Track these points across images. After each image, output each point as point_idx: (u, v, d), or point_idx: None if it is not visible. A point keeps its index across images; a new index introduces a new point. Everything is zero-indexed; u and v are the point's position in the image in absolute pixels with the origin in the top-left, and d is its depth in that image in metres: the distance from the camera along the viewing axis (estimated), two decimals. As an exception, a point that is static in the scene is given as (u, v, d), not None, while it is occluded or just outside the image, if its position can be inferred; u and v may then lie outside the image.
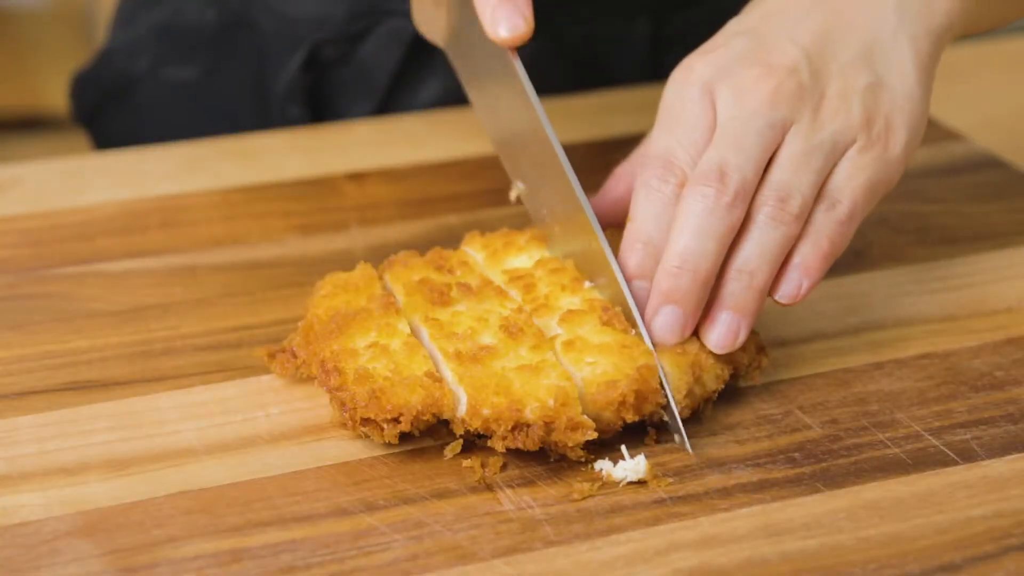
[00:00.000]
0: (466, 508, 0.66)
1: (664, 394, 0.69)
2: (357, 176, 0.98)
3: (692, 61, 0.75)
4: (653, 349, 0.70)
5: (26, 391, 0.75)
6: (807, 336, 0.79)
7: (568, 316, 0.72)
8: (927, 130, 0.77)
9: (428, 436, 0.70)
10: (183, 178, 0.97)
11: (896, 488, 0.67)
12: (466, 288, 0.74)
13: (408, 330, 0.72)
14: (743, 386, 0.74)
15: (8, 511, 0.66)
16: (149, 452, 0.70)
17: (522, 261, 0.77)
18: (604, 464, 0.68)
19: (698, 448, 0.70)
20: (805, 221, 0.72)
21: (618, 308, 0.72)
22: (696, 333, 0.71)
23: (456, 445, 0.69)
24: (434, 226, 0.91)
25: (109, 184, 0.97)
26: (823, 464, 0.69)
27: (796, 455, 0.69)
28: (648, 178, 0.73)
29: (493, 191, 0.93)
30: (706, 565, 0.62)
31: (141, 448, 0.70)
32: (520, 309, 0.73)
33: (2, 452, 0.70)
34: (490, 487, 0.67)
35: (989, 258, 0.87)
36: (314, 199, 0.95)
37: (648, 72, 1.12)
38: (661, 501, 0.66)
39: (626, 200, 0.76)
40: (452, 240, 0.84)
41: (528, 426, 0.67)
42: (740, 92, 0.73)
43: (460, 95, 0.88)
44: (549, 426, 0.67)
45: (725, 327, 0.71)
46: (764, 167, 0.72)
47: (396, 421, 0.68)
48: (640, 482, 0.67)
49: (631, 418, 0.68)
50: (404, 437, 0.69)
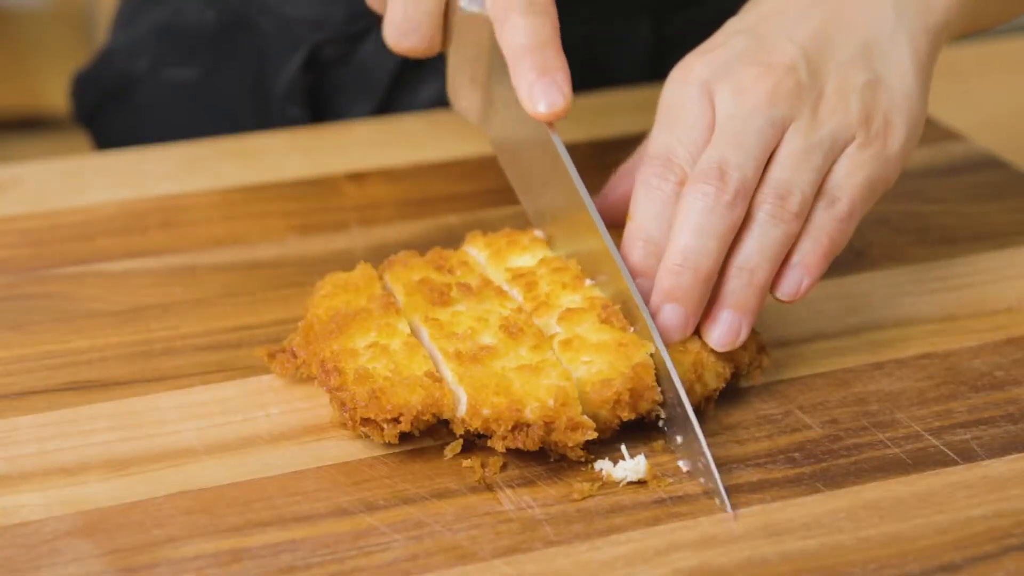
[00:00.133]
0: (466, 508, 0.66)
1: (661, 397, 0.69)
2: (357, 176, 0.98)
3: (691, 60, 0.75)
4: (663, 346, 0.70)
5: (26, 391, 0.75)
6: (807, 336, 0.79)
7: (567, 315, 0.72)
8: (927, 130, 0.78)
9: (428, 436, 0.70)
10: (183, 178, 0.97)
11: (896, 488, 0.67)
12: (466, 288, 0.74)
13: (408, 330, 0.72)
14: (743, 386, 0.74)
15: (8, 511, 0.66)
16: (149, 452, 0.70)
17: (525, 260, 0.77)
18: (604, 464, 0.68)
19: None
20: (805, 219, 0.72)
21: (617, 306, 0.72)
22: (697, 332, 0.71)
23: (456, 445, 0.69)
24: (434, 226, 0.91)
25: (109, 184, 0.97)
26: (823, 464, 0.69)
27: (796, 455, 0.69)
28: (648, 176, 0.73)
29: (493, 191, 0.93)
30: (706, 565, 0.62)
31: (141, 448, 0.70)
32: (520, 309, 0.73)
33: (2, 452, 0.70)
34: (490, 487, 0.67)
35: (989, 258, 0.87)
36: (314, 199, 0.95)
37: (648, 72, 1.12)
38: (661, 501, 0.66)
39: (627, 200, 0.76)
40: (452, 240, 0.84)
41: (528, 426, 0.67)
42: (739, 91, 0.73)
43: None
44: (549, 426, 0.67)
45: (726, 325, 0.71)
46: (764, 165, 0.72)
47: (396, 421, 0.68)
48: (640, 482, 0.67)
49: (627, 416, 0.68)
50: (404, 437, 0.69)
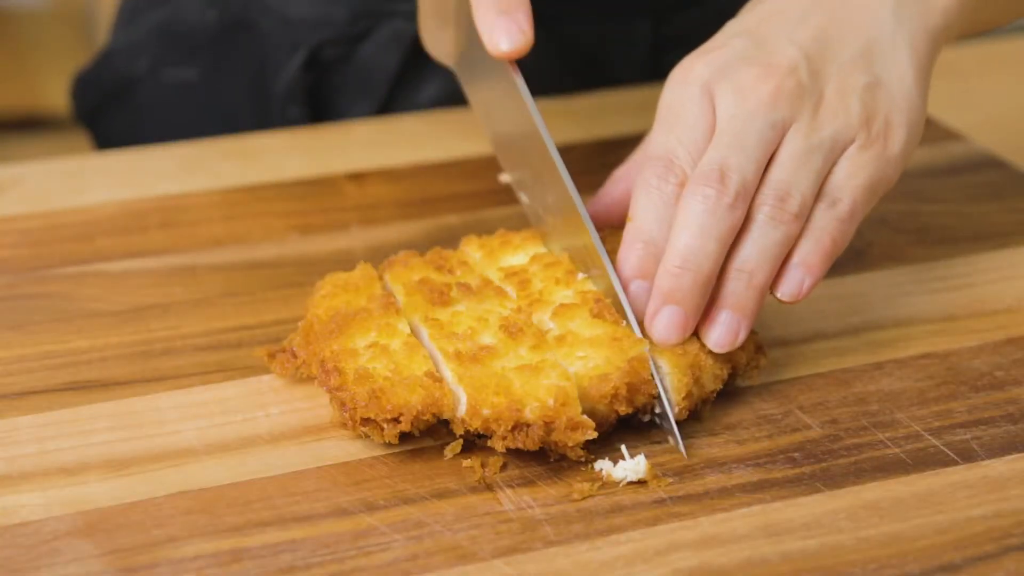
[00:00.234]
0: (466, 508, 0.66)
1: (657, 389, 0.69)
2: (357, 176, 0.98)
3: (691, 61, 0.75)
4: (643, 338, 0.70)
5: (26, 391, 0.75)
6: (807, 336, 0.79)
7: (560, 311, 0.72)
8: (927, 130, 0.78)
9: (428, 436, 0.70)
10: (183, 178, 0.97)
11: (896, 488, 0.67)
12: (466, 288, 0.74)
13: (408, 330, 0.72)
14: (743, 386, 0.74)
15: (8, 511, 0.66)
16: (149, 452, 0.70)
17: (518, 259, 0.77)
18: (604, 464, 0.68)
19: (698, 448, 0.70)
20: (805, 220, 0.72)
21: (609, 299, 0.72)
22: (696, 333, 0.71)
23: (456, 445, 0.69)
24: (434, 226, 0.91)
25: (109, 184, 0.97)
26: (823, 464, 0.69)
27: (796, 455, 0.69)
28: (648, 177, 0.73)
29: (493, 191, 0.93)
30: (706, 565, 0.62)
31: (141, 448, 0.70)
32: (519, 309, 0.73)
33: (2, 452, 0.70)
34: (490, 487, 0.67)
35: (989, 258, 0.87)
36: (314, 199, 0.95)
37: (648, 72, 1.12)
38: (661, 501, 0.66)
39: (625, 202, 0.76)
40: (452, 240, 0.84)
41: (528, 426, 0.67)
42: (740, 92, 0.73)
43: (460, 96, 0.88)
44: (549, 426, 0.67)
45: (725, 327, 0.71)
46: (764, 167, 0.72)
47: (396, 421, 0.68)
48: (640, 482, 0.67)
49: (624, 410, 0.68)
50: (404, 437, 0.69)
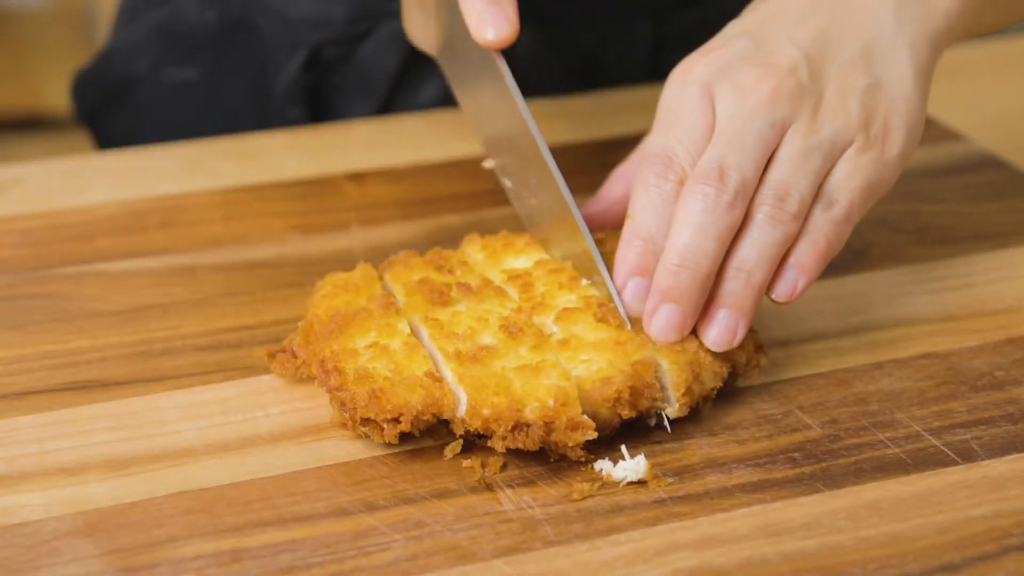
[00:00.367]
0: (466, 508, 0.66)
1: (659, 389, 0.69)
2: (357, 176, 0.98)
3: (691, 61, 0.75)
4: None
5: (26, 391, 0.75)
6: (807, 336, 0.79)
7: (563, 314, 0.72)
8: (927, 130, 0.78)
9: (428, 436, 0.70)
10: (183, 178, 0.97)
11: (896, 488, 0.67)
12: (466, 288, 0.74)
13: (408, 330, 0.72)
14: (743, 386, 0.74)
15: (8, 511, 0.66)
16: (149, 452, 0.70)
17: (521, 262, 0.77)
18: (604, 464, 0.68)
19: (698, 448, 0.70)
20: (803, 220, 0.72)
21: (612, 304, 0.72)
22: (694, 331, 0.71)
23: (456, 445, 0.69)
24: (434, 226, 0.91)
25: (109, 184, 0.97)
26: (823, 464, 0.69)
27: (796, 455, 0.69)
28: (647, 175, 0.73)
29: (493, 191, 0.92)
30: (706, 565, 0.62)
31: (141, 448, 0.70)
32: (520, 309, 0.73)
33: (2, 452, 0.70)
34: (490, 487, 0.67)
35: (989, 258, 0.87)
36: (314, 199, 0.95)
37: (648, 72, 1.12)
38: (661, 501, 0.66)
39: (625, 200, 0.76)
40: (452, 240, 0.84)
41: (528, 426, 0.67)
42: (740, 92, 0.73)
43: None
44: (549, 426, 0.67)
45: (723, 325, 0.71)
46: (763, 166, 0.72)
47: (396, 421, 0.68)
48: (640, 482, 0.67)
49: (627, 414, 0.68)
50: (404, 437, 0.69)
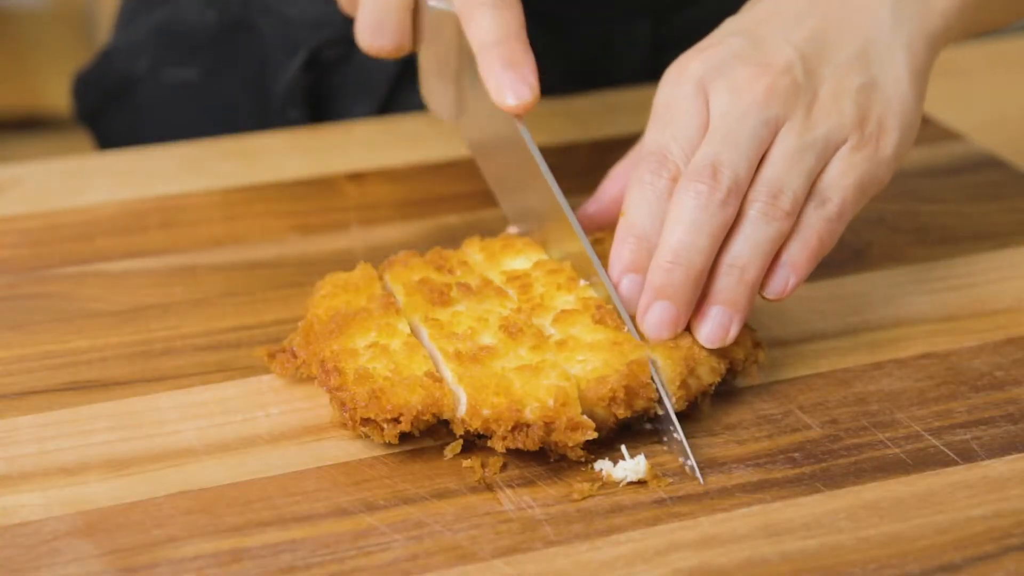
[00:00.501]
0: (466, 508, 0.66)
1: (656, 391, 0.69)
2: (357, 176, 0.98)
3: (687, 59, 0.76)
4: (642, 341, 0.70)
5: (26, 391, 0.75)
6: (807, 336, 0.79)
7: (561, 316, 0.72)
8: (927, 130, 0.78)
9: (428, 436, 0.70)
10: (183, 178, 0.97)
11: (896, 488, 0.67)
12: (466, 288, 0.74)
13: (408, 330, 0.72)
14: (742, 386, 0.74)
15: (8, 511, 0.66)
16: (149, 452, 0.70)
17: (520, 263, 0.77)
18: (604, 464, 0.68)
19: (698, 448, 0.70)
20: (796, 218, 0.72)
21: (611, 305, 0.72)
22: (689, 328, 0.71)
23: (456, 445, 0.69)
24: (434, 226, 0.91)
25: (109, 184, 0.97)
26: (823, 464, 0.69)
27: (796, 455, 0.69)
28: (642, 173, 0.73)
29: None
30: (706, 565, 0.62)
31: (141, 448, 0.70)
32: (519, 309, 0.73)
33: (2, 452, 0.70)
34: (490, 487, 0.67)
35: (989, 258, 0.87)
36: (314, 199, 0.95)
37: (648, 72, 1.12)
38: (661, 501, 0.66)
39: (622, 199, 0.76)
40: (452, 240, 0.84)
41: (528, 426, 0.67)
42: (734, 89, 0.73)
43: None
44: (549, 426, 0.67)
45: (716, 321, 0.71)
46: (757, 164, 0.72)
47: (396, 421, 0.68)
48: (640, 482, 0.67)
49: (623, 414, 0.68)
50: (404, 437, 0.69)
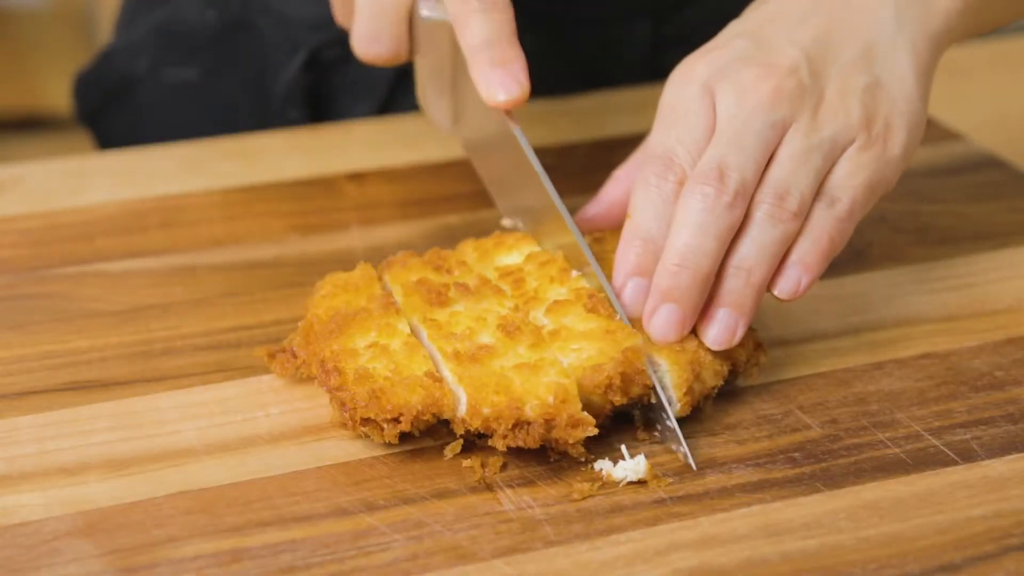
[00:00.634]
0: (466, 508, 0.66)
1: (652, 385, 0.69)
2: (357, 176, 0.98)
3: (692, 61, 0.76)
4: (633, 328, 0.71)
5: (26, 391, 0.75)
6: (807, 336, 0.79)
7: (553, 307, 0.72)
8: (927, 130, 0.78)
9: (428, 436, 0.70)
10: (183, 178, 0.97)
11: (896, 488, 0.67)
12: (464, 288, 0.74)
13: (408, 330, 0.72)
14: (743, 386, 0.74)
15: (8, 511, 0.66)
16: (149, 452, 0.70)
17: (512, 258, 0.77)
18: (604, 464, 0.68)
19: (698, 448, 0.70)
20: (804, 219, 0.72)
21: (602, 294, 0.72)
22: (694, 331, 0.72)
23: (456, 445, 0.69)
24: (434, 226, 0.91)
25: (109, 184, 0.97)
26: (823, 464, 0.69)
27: (796, 455, 0.69)
28: (647, 176, 0.73)
29: (493, 191, 0.93)
30: (706, 565, 0.62)
31: (141, 448, 0.70)
32: (517, 308, 0.73)
33: (2, 452, 0.70)
34: (490, 487, 0.67)
35: (989, 258, 0.87)
36: (314, 199, 0.95)
37: (648, 72, 1.12)
38: (661, 501, 0.66)
39: (625, 202, 0.76)
40: (452, 240, 0.84)
41: (528, 424, 0.67)
42: (740, 91, 0.73)
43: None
44: (549, 423, 0.67)
45: (722, 324, 0.71)
46: (764, 166, 0.72)
47: (396, 421, 0.68)
48: (640, 482, 0.67)
49: (619, 401, 0.68)
50: (404, 437, 0.69)
